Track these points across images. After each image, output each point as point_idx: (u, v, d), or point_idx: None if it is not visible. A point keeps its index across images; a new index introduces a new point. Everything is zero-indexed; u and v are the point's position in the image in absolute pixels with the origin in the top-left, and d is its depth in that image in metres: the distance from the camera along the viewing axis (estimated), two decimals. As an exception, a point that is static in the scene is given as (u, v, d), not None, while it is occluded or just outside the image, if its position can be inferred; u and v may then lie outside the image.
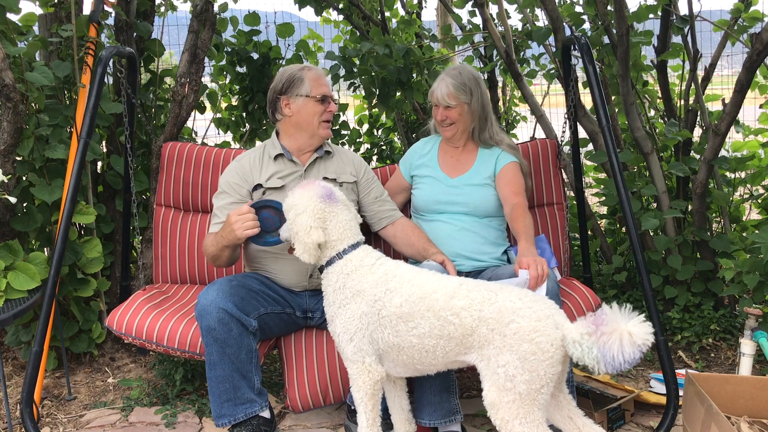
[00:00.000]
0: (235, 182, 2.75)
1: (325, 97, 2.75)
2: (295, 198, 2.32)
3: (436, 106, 2.88)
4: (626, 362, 1.88)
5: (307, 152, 2.83)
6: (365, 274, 2.25)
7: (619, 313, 1.93)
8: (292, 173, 2.78)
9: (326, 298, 2.33)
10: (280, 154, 2.79)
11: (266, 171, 2.77)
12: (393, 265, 2.29)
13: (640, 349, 1.88)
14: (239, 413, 2.54)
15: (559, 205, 3.25)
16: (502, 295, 2.09)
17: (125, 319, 2.78)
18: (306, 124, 2.77)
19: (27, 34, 3.42)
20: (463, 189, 2.88)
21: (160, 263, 3.26)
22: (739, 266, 3.12)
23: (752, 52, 3.06)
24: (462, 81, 2.82)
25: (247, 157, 2.82)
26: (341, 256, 2.29)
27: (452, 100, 2.82)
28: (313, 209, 2.27)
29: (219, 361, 2.50)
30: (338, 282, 2.28)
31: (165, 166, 3.28)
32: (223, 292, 2.49)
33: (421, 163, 3.00)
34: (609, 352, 1.89)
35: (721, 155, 3.46)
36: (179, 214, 3.29)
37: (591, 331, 1.94)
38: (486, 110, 2.92)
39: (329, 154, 2.86)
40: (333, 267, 2.30)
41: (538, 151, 3.23)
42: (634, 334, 1.88)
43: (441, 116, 2.88)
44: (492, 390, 2.04)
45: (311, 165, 2.81)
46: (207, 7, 3.47)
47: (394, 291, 2.20)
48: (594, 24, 3.62)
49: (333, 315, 2.30)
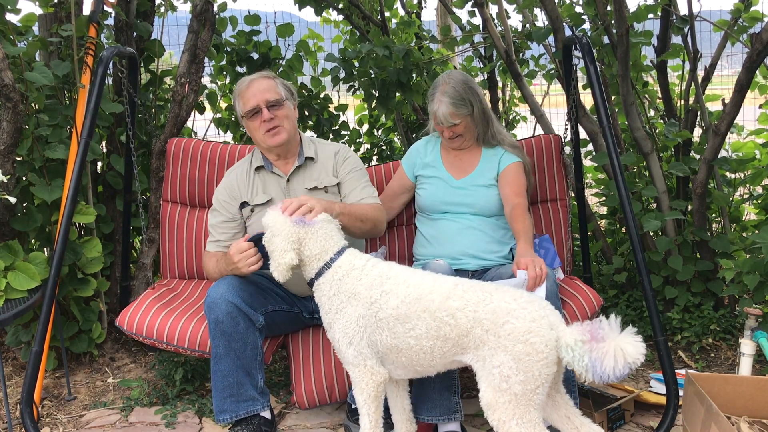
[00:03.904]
0: (224, 200, 2.79)
1: (254, 109, 2.68)
2: (269, 219, 2.34)
3: (439, 125, 2.85)
4: (615, 377, 1.91)
5: (287, 160, 2.81)
6: (358, 276, 2.25)
7: (616, 327, 1.94)
8: (276, 185, 2.79)
9: (322, 308, 2.33)
10: (261, 166, 2.80)
11: (251, 185, 2.79)
12: (386, 267, 2.29)
13: (629, 366, 1.91)
14: (241, 410, 2.56)
15: (562, 201, 3.25)
16: (497, 296, 2.09)
17: (135, 319, 2.81)
18: (257, 141, 2.78)
19: (27, 34, 3.42)
20: (469, 190, 2.88)
21: (167, 259, 3.29)
22: (739, 266, 3.12)
23: (752, 52, 3.06)
24: (459, 96, 2.79)
25: (234, 172, 2.84)
26: (329, 264, 2.29)
27: (455, 118, 2.80)
28: (287, 233, 2.28)
29: (224, 355, 2.52)
30: (332, 289, 2.28)
31: (171, 163, 3.30)
32: (232, 286, 2.52)
33: (425, 163, 2.99)
34: (600, 365, 1.91)
35: (721, 155, 3.46)
36: (186, 210, 3.32)
37: (585, 339, 1.95)
38: (487, 114, 2.92)
39: (312, 160, 2.82)
40: (324, 277, 2.30)
41: (542, 147, 3.23)
42: (627, 353, 1.90)
43: (448, 134, 2.86)
44: (488, 391, 2.05)
45: (293, 174, 2.80)
46: (207, 7, 3.47)
47: (390, 293, 2.20)
48: (594, 24, 3.62)
49: (331, 321, 2.30)
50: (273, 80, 2.75)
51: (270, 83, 2.73)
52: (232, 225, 2.78)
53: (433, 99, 2.84)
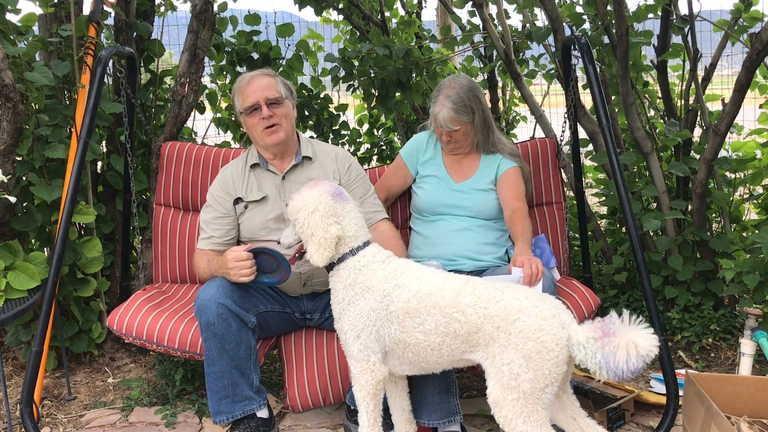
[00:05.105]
0: (218, 195, 2.76)
1: (253, 106, 2.67)
2: (304, 198, 2.29)
3: (439, 128, 2.84)
4: (629, 371, 1.90)
5: (284, 159, 2.79)
6: (375, 270, 2.25)
7: (626, 322, 1.94)
8: (271, 183, 2.77)
9: (335, 295, 2.32)
10: (257, 164, 2.79)
11: (246, 182, 2.77)
12: (402, 263, 2.30)
13: (643, 360, 1.90)
14: (237, 410, 2.54)
15: (558, 205, 3.25)
16: (509, 293, 2.09)
17: (125, 320, 2.79)
18: (254, 139, 2.76)
19: (27, 34, 3.42)
20: (468, 194, 2.88)
21: (159, 263, 3.27)
22: (739, 266, 3.12)
23: (752, 52, 3.06)
24: (462, 102, 2.77)
25: (230, 168, 2.82)
26: (354, 252, 2.29)
27: (455, 124, 2.79)
28: (325, 206, 2.26)
29: (218, 356, 2.50)
30: (349, 278, 2.27)
31: (165, 166, 3.28)
32: (222, 288, 2.50)
33: (427, 160, 2.97)
34: (613, 359, 1.90)
35: (721, 155, 3.46)
36: (179, 214, 3.29)
37: (597, 336, 1.95)
38: (488, 122, 2.91)
39: (309, 160, 2.81)
40: (345, 263, 2.29)
41: (538, 151, 3.23)
42: (640, 345, 1.89)
43: (446, 138, 2.85)
44: (496, 388, 2.05)
45: (289, 172, 2.77)
46: (206, 7, 3.47)
47: (402, 286, 2.20)
48: (594, 24, 3.62)
49: (341, 312, 2.29)
50: (273, 78, 2.74)
51: (270, 81, 2.72)
52: (225, 221, 2.75)
53: (436, 101, 2.81)
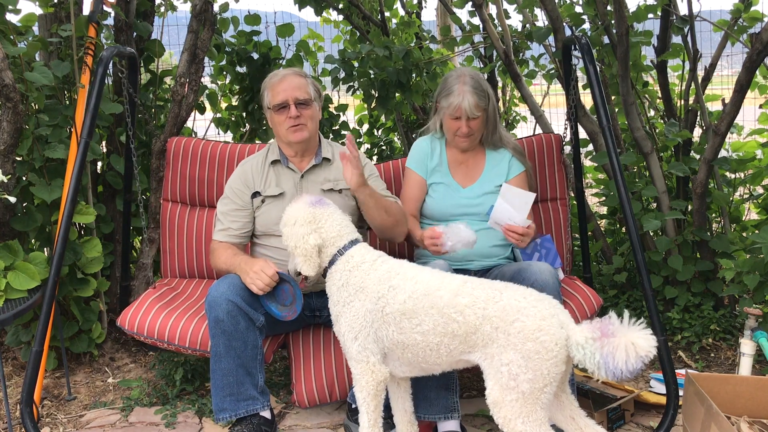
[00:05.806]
0: (237, 187, 2.79)
1: (282, 104, 2.69)
2: (286, 213, 2.38)
3: (457, 119, 2.76)
4: (628, 372, 1.91)
5: (304, 158, 2.82)
6: (367, 271, 2.27)
7: (625, 323, 1.95)
8: (289, 180, 2.80)
9: (331, 298, 2.35)
10: (277, 160, 2.81)
11: (266, 177, 2.80)
12: (396, 263, 2.30)
13: (642, 360, 1.91)
14: (240, 409, 2.56)
15: (562, 201, 3.26)
16: (507, 293, 2.09)
17: (137, 319, 2.82)
18: (278, 135, 2.79)
19: (27, 34, 3.42)
20: (477, 200, 2.86)
21: (168, 258, 3.29)
22: (739, 266, 3.12)
23: (752, 52, 3.06)
24: (480, 87, 2.74)
25: (250, 162, 2.85)
26: (342, 252, 2.32)
27: (478, 110, 2.75)
28: (304, 216, 2.32)
29: (225, 353, 2.52)
30: (341, 279, 2.29)
31: (171, 162, 3.30)
32: (233, 286, 2.53)
33: (434, 167, 2.92)
34: (612, 359, 1.91)
35: (721, 155, 3.46)
36: (186, 209, 3.32)
37: (596, 337, 1.95)
38: (497, 112, 2.90)
39: (328, 161, 2.84)
40: (336, 265, 2.32)
41: (543, 146, 3.23)
42: (639, 346, 1.90)
43: (465, 130, 2.76)
44: (495, 388, 2.05)
45: (308, 172, 2.80)
46: (206, 7, 3.47)
47: (397, 288, 2.20)
48: (594, 24, 3.62)
49: (338, 314, 2.31)
50: (305, 79, 2.78)
51: (302, 81, 2.75)
52: (243, 213, 2.77)
53: (451, 93, 2.73)
